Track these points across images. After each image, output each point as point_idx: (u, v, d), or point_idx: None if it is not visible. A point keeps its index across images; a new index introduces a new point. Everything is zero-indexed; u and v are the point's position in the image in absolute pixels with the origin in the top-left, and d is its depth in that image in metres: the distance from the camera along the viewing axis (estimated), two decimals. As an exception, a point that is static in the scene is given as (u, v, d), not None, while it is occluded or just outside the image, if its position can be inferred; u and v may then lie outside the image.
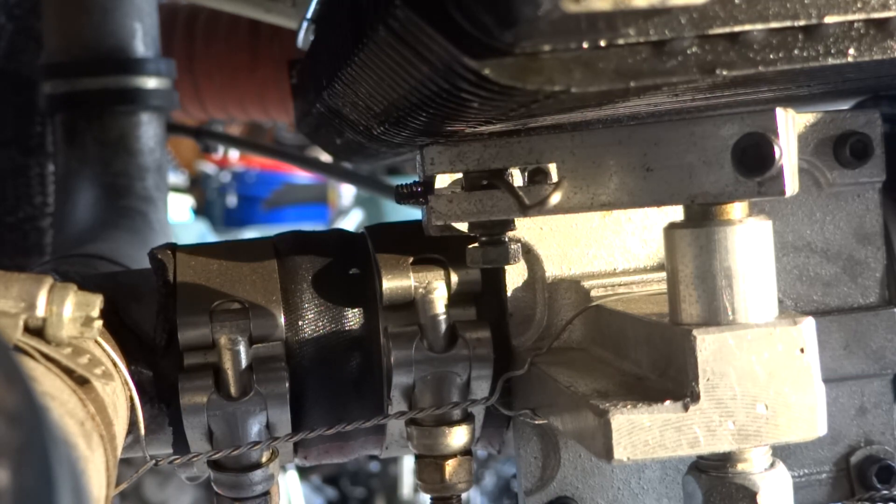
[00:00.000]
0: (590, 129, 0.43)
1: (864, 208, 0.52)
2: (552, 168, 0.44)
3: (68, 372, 0.40)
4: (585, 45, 0.27)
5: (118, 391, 0.45)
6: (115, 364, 0.45)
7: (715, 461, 0.41)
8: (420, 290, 0.49)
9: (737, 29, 0.28)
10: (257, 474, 0.48)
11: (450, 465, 0.50)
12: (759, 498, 0.40)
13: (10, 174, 0.94)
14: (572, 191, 0.43)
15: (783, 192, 0.40)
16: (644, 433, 0.38)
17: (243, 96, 1.17)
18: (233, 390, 0.47)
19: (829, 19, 0.28)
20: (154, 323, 0.49)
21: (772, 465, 0.41)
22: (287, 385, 0.48)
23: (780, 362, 0.39)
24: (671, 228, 0.42)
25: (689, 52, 0.28)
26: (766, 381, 0.39)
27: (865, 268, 0.52)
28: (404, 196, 0.47)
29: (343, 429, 0.48)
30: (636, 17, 0.27)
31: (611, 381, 0.43)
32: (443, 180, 0.46)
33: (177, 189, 3.58)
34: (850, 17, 0.29)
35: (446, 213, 0.45)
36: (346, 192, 4.11)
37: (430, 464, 0.51)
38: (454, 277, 0.49)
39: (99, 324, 0.41)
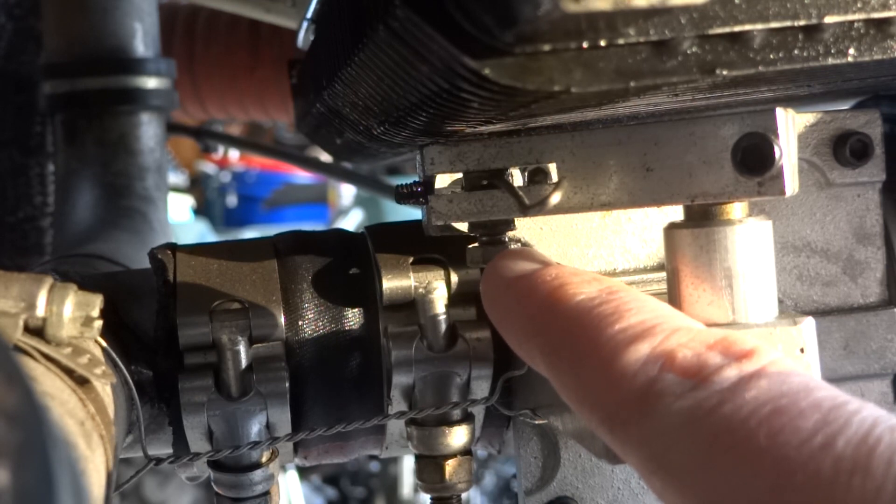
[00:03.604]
0: (590, 129, 0.43)
1: (864, 208, 0.52)
2: (552, 168, 0.44)
3: (68, 372, 0.40)
4: (585, 45, 0.27)
5: (118, 391, 0.45)
6: (115, 364, 0.45)
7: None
8: (420, 290, 0.49)
9: (737, 29, 0.28)
10: (257, 474, 0.48)
11: (450, 465, 0.50)
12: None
13: (10, 174, 0.94)
14: (572, 191, 0.43)
15: (783, 192, 0.40)
16: (644, 433, 0.38)
17: (243, 96, 1.17)
18: (233, 390, 0.47)
19: (829, 19, 0.28)
20: (154, 323, 0.49)
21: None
22: (287, 385, 0.48)
23: (780, 362, 0.39)
24: (671, 228, 0.42)
25: (689, 52, 0.28)
26: (766, 381, 0.39)
27: (865, 268, 0.52)
28: (404, 196, 0.47)
29: (343, 429, 0.48)
30: (636, 17, 0.27)
31: (611, 381, 0.43)
32: (443, 180, 0.46)
33: (177, 189, 3.59)
34: (850, 17, 0.29)
35: (446, 213, 0.45)
36: (346, 192, 4.12)
37: (430, 464, 0.51)
38: (454, 277, 0.49)
39: (99, 324, 0.41)
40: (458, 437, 0.50)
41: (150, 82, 0.83)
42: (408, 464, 2.58)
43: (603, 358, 0.34)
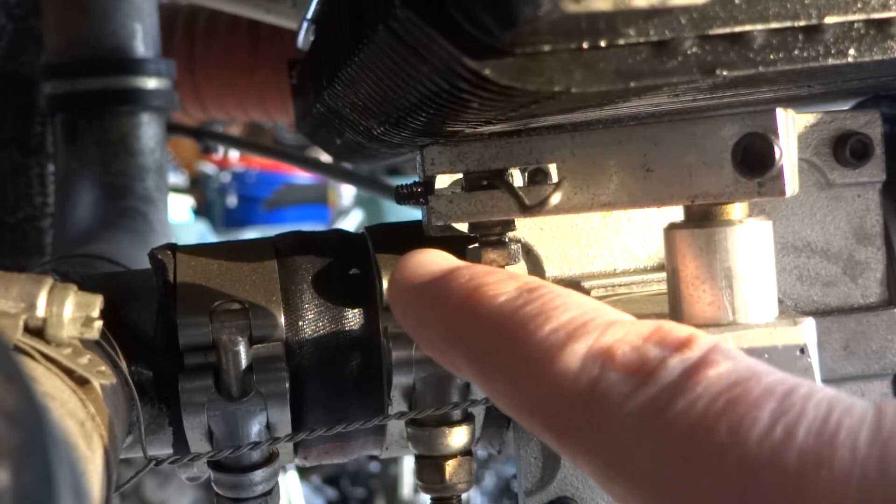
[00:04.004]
0: (590, 130, 0.43)
1: (864, 208, 0.52)
2: (552, 168, 0.44)
3: (68, 372, 0.40)
4: (585, 46, 0.27)
5: (118, 391, 0.45)
6: (115, 364, 0.45)
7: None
8: (420, 290, 0.49)
9: (737, 29, 0.28)
10: (257, 475, 0.48)
11: (450, 466, 0.50)
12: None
13: (10, 174, 0.94)
14: (572, 191, 0.43)
15: (783, 193, 0.40)
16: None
17: (243, 96, 1.17)
18: (233, 390, 0.47)
19: (829, 19, 0.28)
20: (154, 323, 0.49)
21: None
22: (287, 385, 0.48)
23: (780, 362, 0.39)
24: (671, 228, 0.42)
25: (689, 52, 0.28)
26: (767, 382, 0.39)
27: (865, 268, 0.52)
28: (404, 196, 0.47)
29: (343, 429, 0.48)
30: (636, 18, 0.27)
31: (611, 382, 0.43)
32: (443, 180, 0.46)
33: (177, 189, 3.59)
34: (850, 18, 0.29)
35: (446, 213, 0.45)
36: (346, 192, 4.12)
37: (430, 464, 0.51)
38: (454, 278, 0.49)
39: (99, 324, 0.41)
40: (458, 437, 0.50)
41: (151, 83, 0.83)
42: (408, 464, 2.58)
43: (538, 362, 0.32)
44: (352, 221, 3.46)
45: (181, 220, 3.48)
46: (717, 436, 0.27)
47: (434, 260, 0.38)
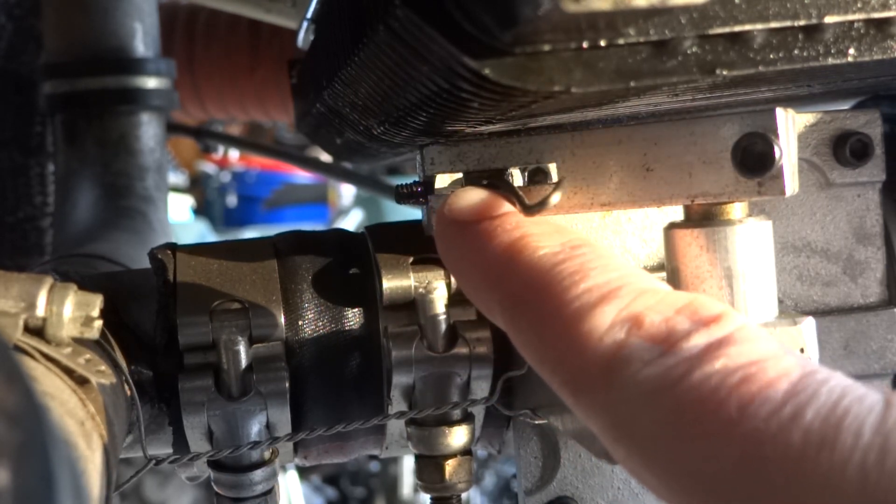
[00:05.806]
0: (590, 129, 0.43)
1: (864, 208, 0.52)
2: (552, 168, 0.44)
3: (68, 372, 0.40)
4: (585, 45, 0.27)
5: (118, 391, 0.45)
6: (115, 364, 0.45)
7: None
8: (420, 289, 0.49)
9: (737, 29, 0.28)
10: (257, 474, 0.48)
11: (450, 465, 0.50)
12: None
13: (10, 174, 0.94)
14: (572, 191, 0.43)
15: (783, 192, 0.40)
16: (644, 433, 0.38)
17: (243, 96, 1.17)
18: (233, 390, 0.47)
19: (829, 19, 0.28)
20: (154, 323, 0.49)
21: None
22: (287, 385, 0.48)
23: (780, 362, 0.39)
24: (671, 228, 0.42)
25: (689, 52, 0.28)
26: (766, 381, 0.39)
27: (865, 268, 0.52)
28: (404, 196, 0.47)
29: (343, 429, 0.48)
30: (636, 17, 0.27)
31: (611, 381, 0.43)
32: (443, 180, 0.46)
33: (177, 189, 3.59)
34: (850, 17, 0.29)
35: (446, 213, 0.45)
36: (346, 192, 4.12)
37: (430, 464, 0.51)
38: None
39: (99, 324, 0.41)
40: (458, 437, 0.50)
41: (150, 82, 0.83)
42: (408, 464, 2.58)
43: (567, 319, 0.32)
44: (352, 221, 3.46)
45: (181, 219, 3.48)
46: (726, 410, 0.28)
47: (484, 200, 0.39)
